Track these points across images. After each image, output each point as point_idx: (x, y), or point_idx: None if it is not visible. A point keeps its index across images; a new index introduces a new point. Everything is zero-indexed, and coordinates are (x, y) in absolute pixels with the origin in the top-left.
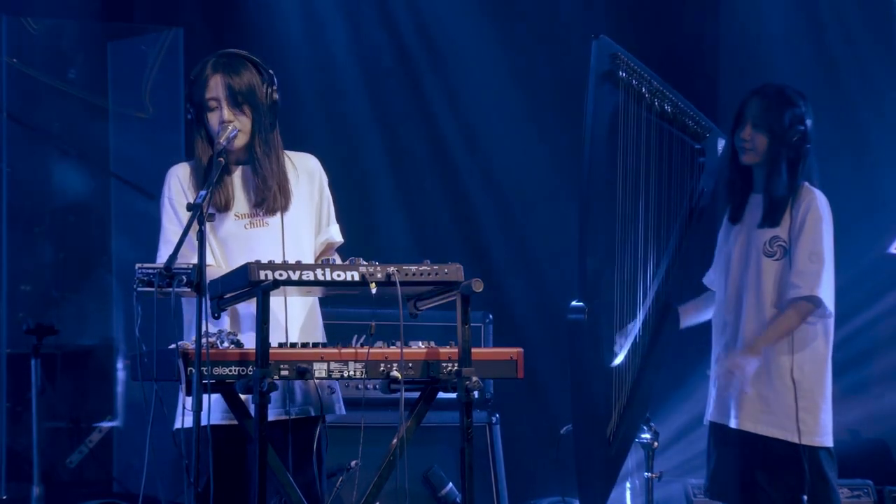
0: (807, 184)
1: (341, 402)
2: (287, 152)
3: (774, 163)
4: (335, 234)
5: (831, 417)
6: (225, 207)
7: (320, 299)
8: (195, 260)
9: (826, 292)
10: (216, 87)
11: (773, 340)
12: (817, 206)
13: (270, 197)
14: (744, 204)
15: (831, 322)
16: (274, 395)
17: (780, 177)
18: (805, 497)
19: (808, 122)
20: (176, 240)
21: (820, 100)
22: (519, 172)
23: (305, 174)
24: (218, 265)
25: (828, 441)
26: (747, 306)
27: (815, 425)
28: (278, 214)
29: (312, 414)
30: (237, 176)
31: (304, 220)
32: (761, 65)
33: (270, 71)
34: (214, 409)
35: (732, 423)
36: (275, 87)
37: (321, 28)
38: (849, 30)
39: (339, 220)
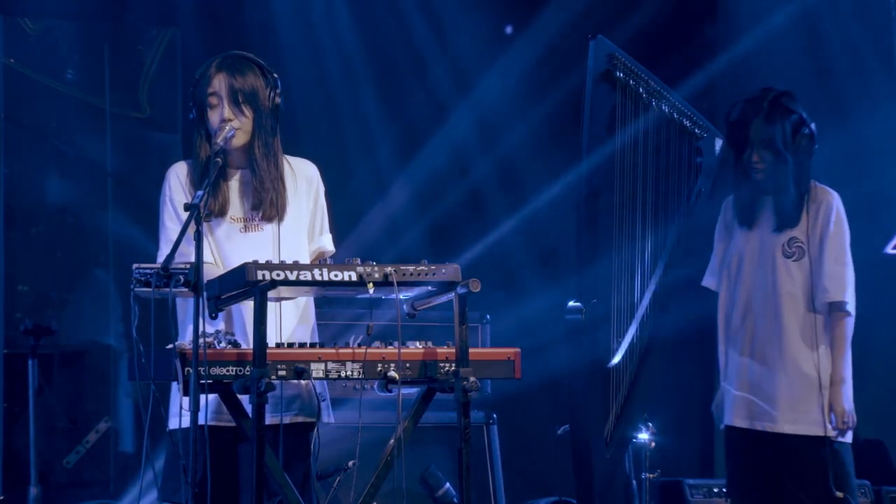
0: (818, 183)
1: (330, 411)
2: (287, 157)
3: (784, 171)
4: (327, 244)
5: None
6: (220, 212)
7: (315, 299)
8: (194, 257)
9: (851, 295)
10: (219, 85)
11: (842, 359)
12: (839, 209)
13: (267, 200)
14: (756, 209)
15: (852, 319)
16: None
17: (791, 181)
18: (838, 493)
19: (812, 125)
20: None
21: (818, 100)
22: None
23: (304, 180)
24: (216, 264)
25: (849, 436)
26: (762, 308)
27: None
28: (275, 220)
29: (301, 419)
30: (235, 180)
31: (299, 227)
32: (760, 65)
33: (276, 75)
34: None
35: (759, 426)
36: (278, 92)
37: (322, 27)
38: (847, 30)
39: (338, 224)
